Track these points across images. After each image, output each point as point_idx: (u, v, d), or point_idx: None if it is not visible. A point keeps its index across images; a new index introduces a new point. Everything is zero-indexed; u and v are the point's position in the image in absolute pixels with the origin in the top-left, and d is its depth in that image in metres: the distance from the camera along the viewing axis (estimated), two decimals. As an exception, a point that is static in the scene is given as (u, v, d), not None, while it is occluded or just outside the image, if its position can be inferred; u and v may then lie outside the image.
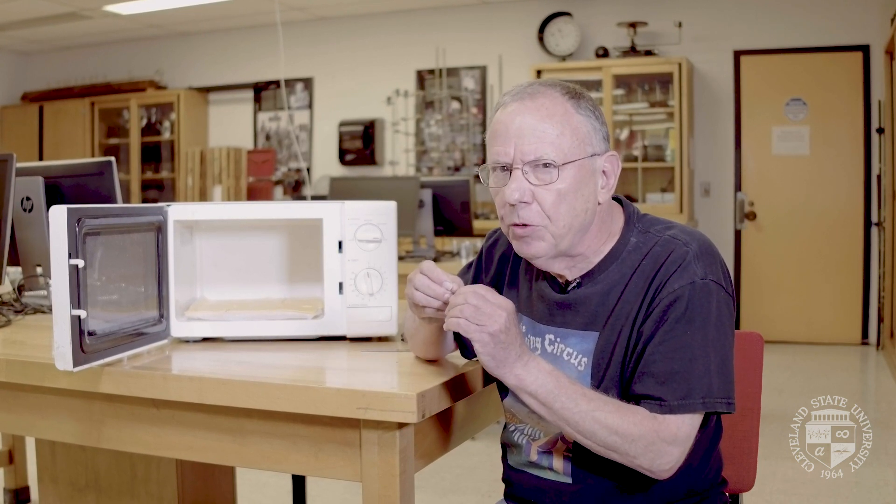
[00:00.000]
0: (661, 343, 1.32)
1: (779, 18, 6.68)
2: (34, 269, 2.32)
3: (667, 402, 1.29)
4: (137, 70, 8.75)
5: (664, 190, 6.88)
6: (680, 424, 1.29)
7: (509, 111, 1.37)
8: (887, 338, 6.06)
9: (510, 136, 1.36)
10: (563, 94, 1.38)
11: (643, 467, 1.30)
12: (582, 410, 1.28)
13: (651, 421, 1.28)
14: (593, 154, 1.39)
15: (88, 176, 2.37)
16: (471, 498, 3.40)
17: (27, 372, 1.56)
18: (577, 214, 1.37)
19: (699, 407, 1.30)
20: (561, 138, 1.35)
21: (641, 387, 1.32)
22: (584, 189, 1.37)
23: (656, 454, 1.28)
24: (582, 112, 1.38)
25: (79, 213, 1.37)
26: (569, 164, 1.35)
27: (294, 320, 1.73)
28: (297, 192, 8.25)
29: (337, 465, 1.38)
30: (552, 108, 1.36)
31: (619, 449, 1.28)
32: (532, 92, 1.38)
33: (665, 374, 1.30)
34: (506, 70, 7.34)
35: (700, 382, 1.30)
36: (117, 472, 2.45)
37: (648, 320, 1.34)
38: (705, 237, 1.41)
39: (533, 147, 1.34)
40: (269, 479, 3.51)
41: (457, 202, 4.74)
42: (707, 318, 1.32)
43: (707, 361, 1.31)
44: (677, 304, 1.32)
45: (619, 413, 1.28)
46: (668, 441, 1.28)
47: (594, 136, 1.39)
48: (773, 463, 3.49)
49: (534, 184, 1.35)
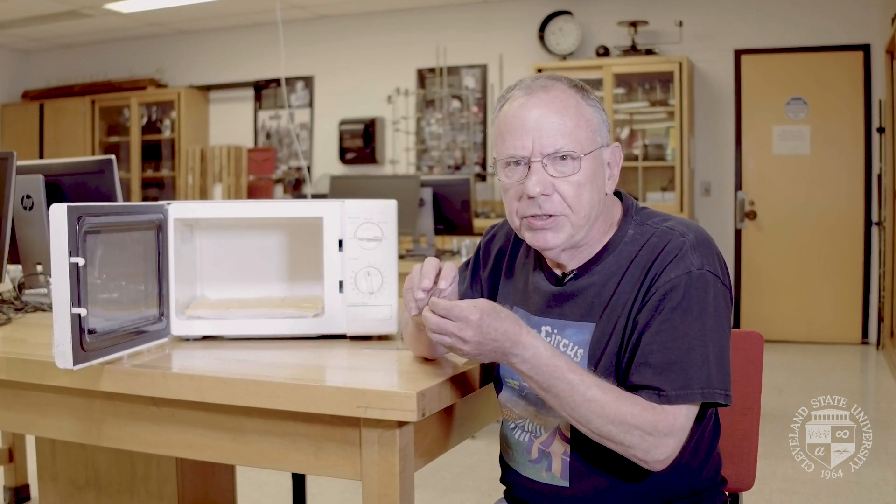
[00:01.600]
0: (658, 333, 1.31)
1: (779, 18, 6.68)
2: (34, 267, 2.32)
3: (665, 392, 1.28)
4: (138, 68, 8.75)
5: (664, 189, 6.88)
6: (677, 415, 1.29)
7: (522, 105, 1.38)
8: (887, 337, 6.06)
9: (527, 130, 1.36)
10: (570, 87, 1.40)
11: (638, 457, 1.29)
12: (580, 397, 1.27)
13: (649, 411, 1.28)
14: (602, 146, 1.41)
15: (89, 174, 2.37)
16: (471, 496, 3.40)
17: (27, 370, 1.56)
18: (594, 205, 1.39)
19: (698, 397, 1.29)
20: (578, 130, 1.36)
21: (639, 377, 1.31)
22: (597, 180, 1.40)
23: (652, 445, 1.28)
24: (591, 104, 1.40)
25: (79, 211, 1.37)
26: (587, 155, 1.37)
27: (294, 319, 1.73)
28: (298, 191, 8.25)
29: (337, 464, 1.38)
30: (566, 100, 1.37)
31: (615, 437, 1.28)
32: (544, 85, 1.38)
33: (663, 364, 1.29)
34: (506, 69, 7.34)
35: (699, 373, 1.29)
36: (117, 471, 2.45)
37: (644, 309, 1.34)
38: (702, 229, 1.41)
39: (552, 140, 1.35)
40: (269, 477, 3.51)
41: (457, 201, 4.75)
42: (704, 308, 1.32)
43: (705, 352, 1.30)
44: (673, 293, 1.32)
45: (618, 402, 1.27)
46: (664, 432, 1.28)
47: (603, 127, 1.41)
48: (772, 462, 3.49)
49: (554, 176, 1.36)
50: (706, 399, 1.30)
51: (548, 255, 1.46)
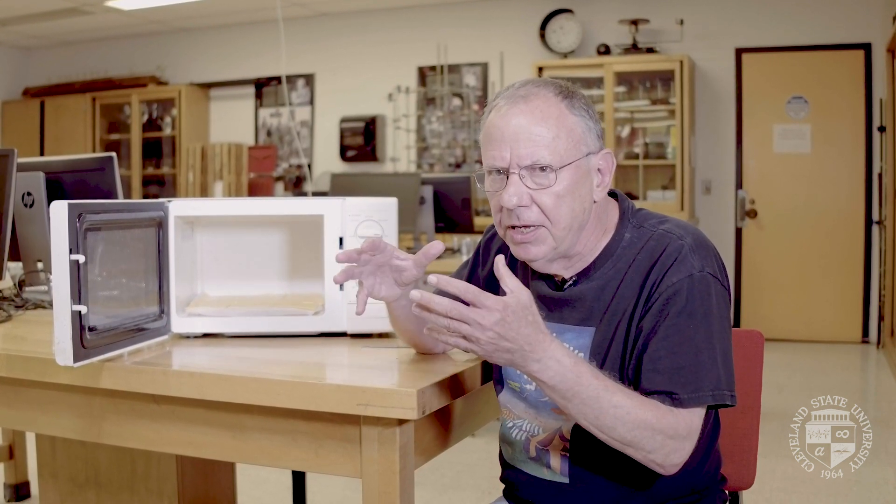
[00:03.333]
0: (665, 338, 1.31)
1: (780, 16, 6.67)
2: (35, 264, 2.32)
3: (678, 396, 1.29)
4: (139, 65, 8.75)
5: (665, 187, 6.87)
6: (692, 418, 1.29)
7: (503, 114, 1.36)
8: (888, 336, 6.06)
9: (505, 140, 1.34)
10: (556, 95, 1.36)
11: (656, 462, 1.29)
12: (606, 403, 1.24)
13: (669, 415, 1.28)
14: (588, 153, 1.38)
15: (89, 171, 2.37)
16: (470, 494, 3.40)
17: (28, 367, 1.56)
18: (575, 215, 1.37)
19: (709, 399, 1.30)
20: (557, 141, 1.34)
21: (650, 383, 1.31)
22: (580, 189, 1.37)
23: (671, 449, 1.28)
24: (576, 112, 1.37)
25: (80, 208, 1.37)
26: (566, 166, 1.34)
27: (294, 316, 1.73)
28: (298, 189, 8.25)
29: (337, 462, 1.38)
30: (546, 109, 1.34)
31: (638, 443, 1.27)
32: (525, 94, 1.36)
33: (672, 368, 1.30)
34: (507, 67, 7.34)
35: (708, 375, 1.30)
36: (117, 468, 2.45)
37: (648, 315, 1.34)
38: (699, 231, 1.41)
39: (529, 151, 1.33)
40: (270, 475, 3.51)
41: (458, 199, 4.75)
42: (708, 310, 1.32)
43: (713, 353, 1.31)
44: (677, 297, 1.32)
45: (642, 407, 1.26)
46: (683, 436, 1.28)
47: (588, 135, 1.38)
48: (772, 461, 3.49)
49: (531, 188, 1.34)
50: (717, 401, 1.30)
51: (535, 267, 1.44)
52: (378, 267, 1.44)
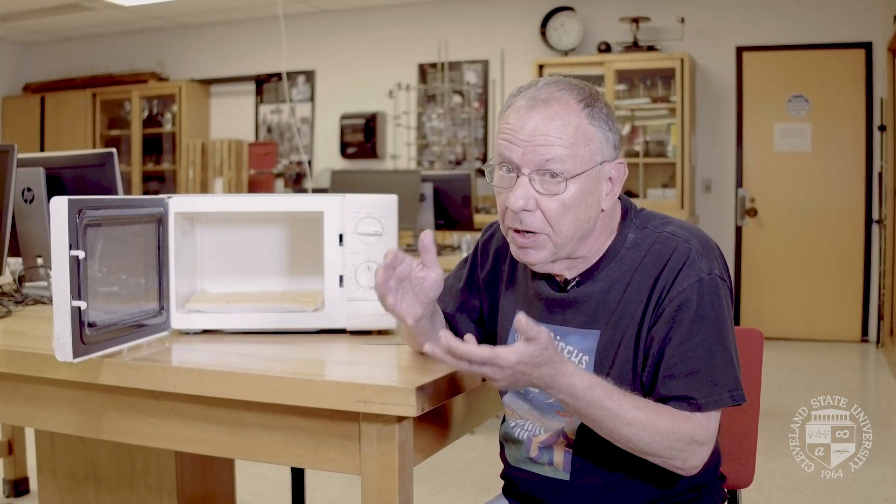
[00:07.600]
0: (680, 345, 1.32)
1: (781, 15, 6.67)
2: (35, 259, 2.32)
3: (696, 401, 1.30)
4: (139, 62, 8.74)
5: (665, 185, 6.87)
6: (710, 420, 1.31)
7: (521, 115, 1.33)
8: (887, 335, 6.06)
9: (520, 141, 1.33)
10: (578, 102, 1.33)
11: (677, 466, 1.31)
12: (620, 421, 1.26)
13: (686, 422, 1.29)
14: (602, 162, 1.36)
15: (90, 167, 2.37)
16: (469, 492, 3.40)
17: (27, 363, 1.56)
18: (580, 224, 1.36)
19: (728, 402, 1.31)
20: (573, 148, 1.32)
21: (667, 389, 1.32)
22: (589, 199, 1.36)
23: (691, 453, 1.30)
24: (595, 123, 1.34)
25: (80, 204, 1.37)
26: (577, 176, 1.33)
27: (294, 313, 1.73)
28: (299, 185, 8.25)
29: (336, 458, 1.38)
30: (566, 117, 1.32)
31: (657, 452, 1.29)
32: (546, 97, 1.33)
33: (689, 373, 1.31)
34: (508, 64, 7.33)
35: (724, 377, 1.31)
36: (116, 464, 2.45)
37: (660, 322, 1.34)
38: (703, 231, 1.41)
39: (542, 156, 1.31)
40: (269, 471, 3.51)
41: (458, 196, 4.75)
42: (719, 312, 1.33)
43: (728, 355, 1.33)
44: (688, 303, 1.32)
45: (658, 418, 1.28)
46: (702, 440, 1.30)
47: (605, 145, 1.36)
48: (772, 459, 3.49)
49: (539, 192, 1.33)
50: (735, 402, 1.32)
51: (535, 269, 1.44)
52: (399, 282, 1.37)
